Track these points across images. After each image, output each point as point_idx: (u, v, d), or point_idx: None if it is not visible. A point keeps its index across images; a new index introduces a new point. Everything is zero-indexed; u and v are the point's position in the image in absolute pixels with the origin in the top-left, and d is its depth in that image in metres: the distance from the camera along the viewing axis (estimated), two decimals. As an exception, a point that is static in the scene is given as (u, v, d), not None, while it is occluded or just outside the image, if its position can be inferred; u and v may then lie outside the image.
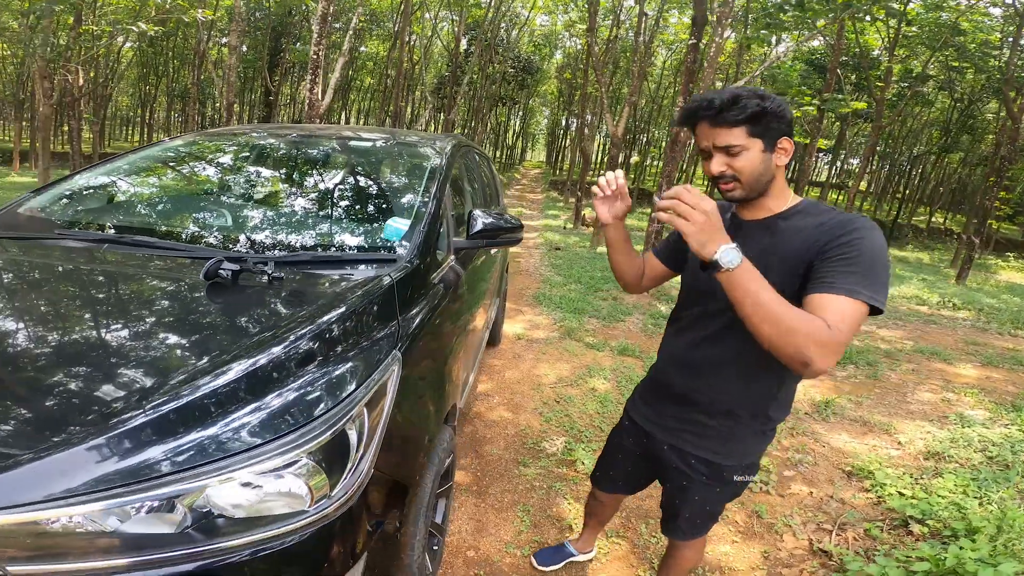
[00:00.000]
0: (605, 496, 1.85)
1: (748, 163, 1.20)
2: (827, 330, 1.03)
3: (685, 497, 1.48)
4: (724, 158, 1.21)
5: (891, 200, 30.70)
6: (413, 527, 1.51)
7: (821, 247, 1.14)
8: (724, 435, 1.38)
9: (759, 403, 1.33)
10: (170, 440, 1.02)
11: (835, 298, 1.07)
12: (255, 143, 2.60)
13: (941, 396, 4.20)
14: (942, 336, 6.08)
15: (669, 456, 1.48)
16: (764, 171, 1.22)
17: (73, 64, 10.82)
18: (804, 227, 1.21)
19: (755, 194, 1.25)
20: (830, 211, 1.22)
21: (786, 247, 1.20)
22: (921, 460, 3.14)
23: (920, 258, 19.88)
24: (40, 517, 0.94)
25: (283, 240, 1.89)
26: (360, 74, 28.00)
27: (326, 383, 1.22)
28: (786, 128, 1.21)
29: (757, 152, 1.19)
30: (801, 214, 1.25)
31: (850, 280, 1.08)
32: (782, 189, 1.28)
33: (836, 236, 1.13)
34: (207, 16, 11.73)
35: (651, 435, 1.53)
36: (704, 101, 1.20)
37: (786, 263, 1.19)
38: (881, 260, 1.11)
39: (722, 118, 1.18)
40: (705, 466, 1.42)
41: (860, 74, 14.10)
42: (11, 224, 1.88)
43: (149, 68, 24.86)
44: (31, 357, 1.20)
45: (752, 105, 1.16)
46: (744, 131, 1.18)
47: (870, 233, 1.12)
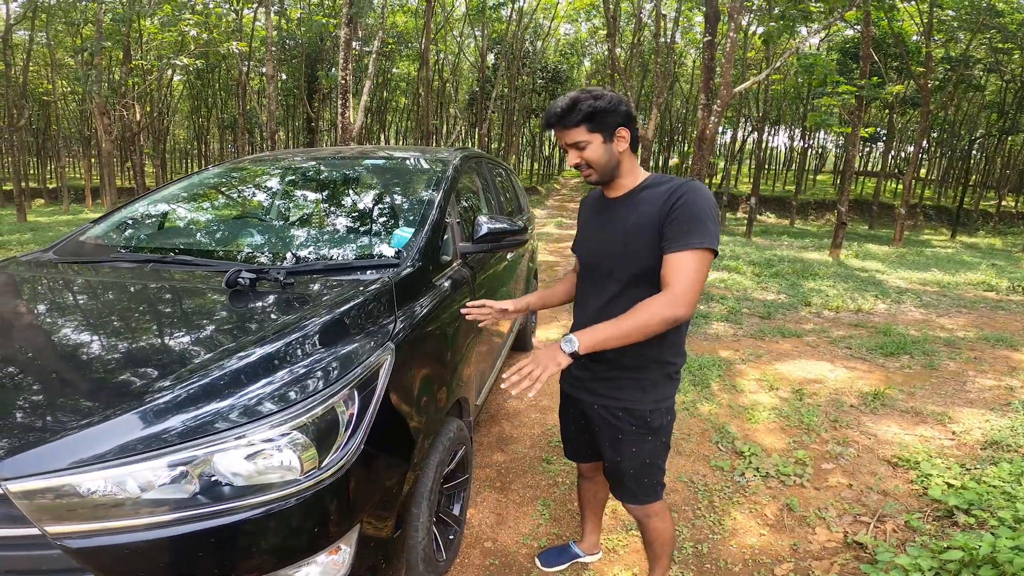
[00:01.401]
0: (587, 468, 1.90)
1: (594, 153, 1.45)
2: (667, 296, 1.32)
3: (622, 451, 1.60)
4: (576, 152, 1.46)
5: (955, 186, 29.07)
6: (416, 509, 1.57)
7: (666, 211, 1.39)
8: (638, 384, 1.55)
9: (655, 351, 1.51)
10: (182, 415, 1.17)
11: (675, 255, 1.35)
12: (275, 169, 2.85)
13: (1004, 383, 3.92)
14: (1010, 322, 5.68)
15: (599, 414, 1.62)
16: (609, 158, 1.46)
17: (128, 99, 11.62)
18: (653, 196, 1.45)
19: (608, 177, 1.49)
20: (669, 179, 1.47)
21: (645, 214, 1.44)
22: (977, 450, 2.94)
23: (992, 244, 18.69)
24: (74, 481, 1.08)
25: (297, 251, 2.10)
26: (394, 95, 28.81)
27: (321, 368, 1.34)
28: (621, 120, 1.43)
29: (599, 144, 1.44)
30: (650, 187, 1.48)
31: (684, 236, 1.34)
32: (631, 169, 1.52)
33: (671, 201, 1.39)
34: (241, 48, 12.38)
35: (580, 400, 1.67)
36: (550, 110, 1.45)
37: (647, 226, 1.42)
38: (705, 212, 1.36)
39: (564, 121, 1.43)
40: (630, 415, 1.57)
41: (901, 61, 13.53)
42: (75, 250, 2.21)
43: (199, 101, 26.36)
44: (80, 350, 1.43)
45: (586, 107, 1.40)
46: (584, 129, 1.42)
47: (693, 194, 1.38)
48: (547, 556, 2.08)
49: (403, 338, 1.55)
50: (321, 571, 1.26)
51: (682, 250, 1.33)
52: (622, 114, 1.43)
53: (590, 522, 2.06)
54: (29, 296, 1.83)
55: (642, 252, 1.42)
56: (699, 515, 2.38)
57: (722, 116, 7.77)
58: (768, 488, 2.59)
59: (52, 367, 1.35)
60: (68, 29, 14.39)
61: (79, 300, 1.79)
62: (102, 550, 1.09)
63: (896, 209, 14.89)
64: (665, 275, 1.34)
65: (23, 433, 1.11)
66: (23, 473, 1.06)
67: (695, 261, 1.33)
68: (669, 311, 1.31)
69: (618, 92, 1.47)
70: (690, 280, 1.32)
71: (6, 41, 13.43)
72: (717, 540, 2.22)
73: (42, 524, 1.07)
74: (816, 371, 4.11)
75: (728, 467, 2.75)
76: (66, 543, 1.07)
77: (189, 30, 10.83)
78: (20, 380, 1.29)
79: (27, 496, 1.06)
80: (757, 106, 22.32)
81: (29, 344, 1.47)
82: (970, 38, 13.07)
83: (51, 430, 1.12)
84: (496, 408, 3.41)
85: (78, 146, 26.81)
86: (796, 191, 26.29)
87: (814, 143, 36.01)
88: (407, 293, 1.73)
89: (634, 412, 1.56)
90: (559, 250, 10.64)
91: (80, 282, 1.92)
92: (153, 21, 12.06)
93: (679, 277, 1.32)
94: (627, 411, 1.57)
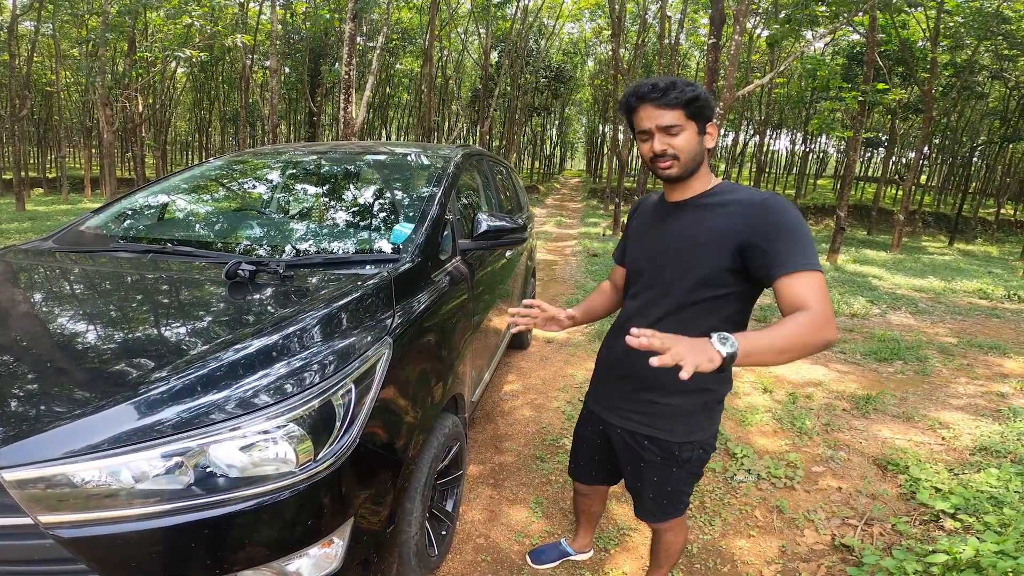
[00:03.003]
0: (585, 488, 1.86)
1: (686, 142, 1.31)
2: (815, 314, 1.14)
3: (643, 478, 1.53)
4: (665, 137, 1.31)
5: (955, 193, 29.10)
6: (410, 504, 1.59)
7: (753, 224, 1.26)
8: (671, 412, 1.44)
9: (700, 377, 1.32)
10: (178, 405, 1.18)
11: (803, 276, 1.19)
12: (276, 162, 2.84)
13: (995, 390, 3.95)
14: (1003, 330, 5.71)
15: (623, 438, 1.53)
16: (698, 151, 1.34)
17: (131, 91, 11.62)
18: (728, 204, 1.33)
19: (688, 173, 1.36)
20: (745, 189, 1.35)
21: (716, 221, 1.32)
22: (966, 455, 2.97)
23: (988, 251, 18.70)
24: (69, 470, 1.08)
25: (296, 244, 2.10)
26: (397, 91, 28.78)
27: (319, 361, 1.34)
28: (712, 115, 1.34)
29: (693, 133, 1.32)
30: (722, 193, 1.37)
31: (803, 256, 1.20)
32: (706, 172, 1.40)
33: (763, 216, 1.25)
34: (246, 41, 12.39)
35: (605, 421, 1.59)
36: (649, 85, 1.31)
37: (717, 235, 1.31)
38: (807, 231, 1.25)
39: (665, 99, 1.29)
40: (655, 445, 1.47)
41: (905, 67, 13.55)
42: (75, 240, 2.21)
43: (202, 93, 26.32)
44: (77, 339, 1.44)
45: (688, 91, 1.29)
46: (682, 113, 1.30)
47: (792, 211, 1.26)
48: (538, 553, 2.09)
49: (401, 333, 1.56)
50: (313, 563, 1.27)
51: (807, 271, 1.19)
52: (713, 109, 1.34)
53: (583, 527, 2.07)
54: (27, 285, 1.83)
55: (710, 260, 1.30)
56: (690, 515, 2.40)
57: (724, 119, 7.78)
58: (759, 490, 2.61)
59: (49, 356, 1.36)
60: (74, 20, 14.40)
61: (77, 289, 1.79)
62: (95, 540, 1.09)
63: (895, 215, 14.91)
64: (795, 297, 1.17)
65: (18, 422, 1.12)
66: (18, 462, 1.06)
67: (820, 280, 1.19)
68: (828, 333, 1.14)
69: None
70: (828, 302, 1.16)
71: (11, 32, 13.42)
72: (707, 540, 2.25)
73: (35, 513, 1.07)
74: (810, 375, 4.14)
75: (720, 468, 2.77)
76: (59, 533, 1.07)
77: (194, 22, 10.84)
78: (16, 369, 1.30)
79: (21, 485, 1.06)
80: (760, 109, 22.33)
81: (26, 333, 1.47)
82: (976, 44, 13.09)
83: (46, 419, 1.12)
84: (491, 406, 3.44)
85: (79, 136, 26.77)
86: (796, 195, 26.34)
87: (815, 147, 36.02)
88: (406, 288, 1.74)
89: (661, 443, 1.46)
90: (558, 249, 10.66)
91: (79, 271, 1.93)
92: (159, 13, 12.08)
93: (818, 299, 1.15)
94: (652, 440, 1.47)
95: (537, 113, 29.60)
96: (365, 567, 1.40)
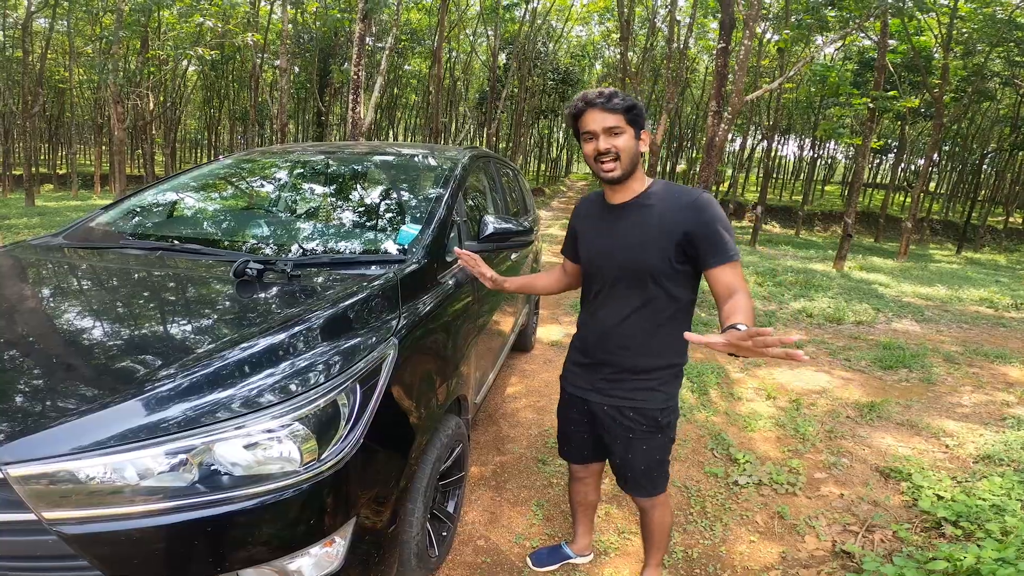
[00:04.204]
0: (580, 469, 1.93)
1: (626, 143, 1.51)
2: (748, 294, 1.44)
3: (632, 448, 1.69)
4: (609, 138, 1.51)
5: (963, 201, 28.90)
6: (412, 504, 1.60)
7: (693, 223, 1.48)
8: (648, 384, 1.64)
9: (666, 353, 1.63)
10: (184, 403, 1.18)
11: (729, 267, 1.47)
12: (284, 162, 2.86)
13: (1000, 399, 3.93)
14: (1009, 339, 5.68)
15: (610, 414, 1.69)
16: (635, 153, 1.54)
17: (143, 89, 11.72)
18: (665, 205, 1.54)
19: (627, 174, 1.54)
20: (678, 187, 1.58)
21: (658, 219, 1.52)
22: (969, 463, 2.95)
23: (995, 260, 18.56)
24: (74, 467, 1.08)
25: (304, 244, 2.12)
26: (405, 92, 28.88)
27: (325, 361, 1.36)
28: (644, 124, 1.55)
29: (630, 136, 1.52)
30: (658, 193, 1.57)
31: (727, 250, 1.47)
32: (640, 175, 1.60)
33: (700, 216, 1.48)
34: (257, 40, 12.47)
35: (589, 401, 1.74)
36: (589, 93, 1.53)
37: (664, 234, 1.51)
38: (726, 220, 1.51)
39: (610, 104, 1.49)
40: (640, 416, 1.66)
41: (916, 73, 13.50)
42: (84, 236, 2.23)
43: (213, 92, 26.49)
44: (84, 335, 1.44)
45: (628, 100, 1.51)
46: (623, 117, 1.50)
47: (714, 205, 1.51)
48: (539, 556, 2.10)
49: (406, 334, 1.57)
50: (315, 563, 1.27)
51: (733, 261, 1.48)
52: (644, 119, 1.55)
53: (582, 524, 2.09)
54: (36, 280, 1.84)
55: (663, 254, 1.51)
56: (691, 520, 2.41)
57: (732, 124, 7.77)
58: (761, 496, 2.61)
59: (56, 352, 1.36)
60: (88, 17, 14.55)
61: (86, 285, 1.80)
62: (98, 537, 1.09)
63: (903, 222, 14.84)
64: (730, 283, 1.45)
65: (24, 418, 1.12)
66: (23, 458, 1.06)
67: (741, 268, 1.50)
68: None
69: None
70: (747, 287, 1.47)
71: (26, 29, 13.57)
72: (708, 546, 2.25)
73: (39, 510, 1.07)
74: (814, 382, 4.13)
75: (722, 474, 2.77)
76: (62, 529, 1.07)
77: (206, 21, 10.93)
78: (23, 364, 1.30)
79: (26, 481, 1.06)
80: (768, 114, 22.27)
81: (34, 328, 1.48)
82: (988, 51, 13.03)
83: (52, 415, 1.12)
84: (494, 408, 3.45)
85: (90, 133, 27.02)
86: (803, 201, 26.23)
87: (824, 153, 35.87)
88: (412, 289, 1.75)
89: (645, 412, 1.65)
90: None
91: (88, 267, 1.94)
92: (172, 11, 12.18)
93: (742, 283, 1.46)
94: (638, 411, 1.65)
95: (544, 115, 29.62)
96: (366, 567, 1.40)
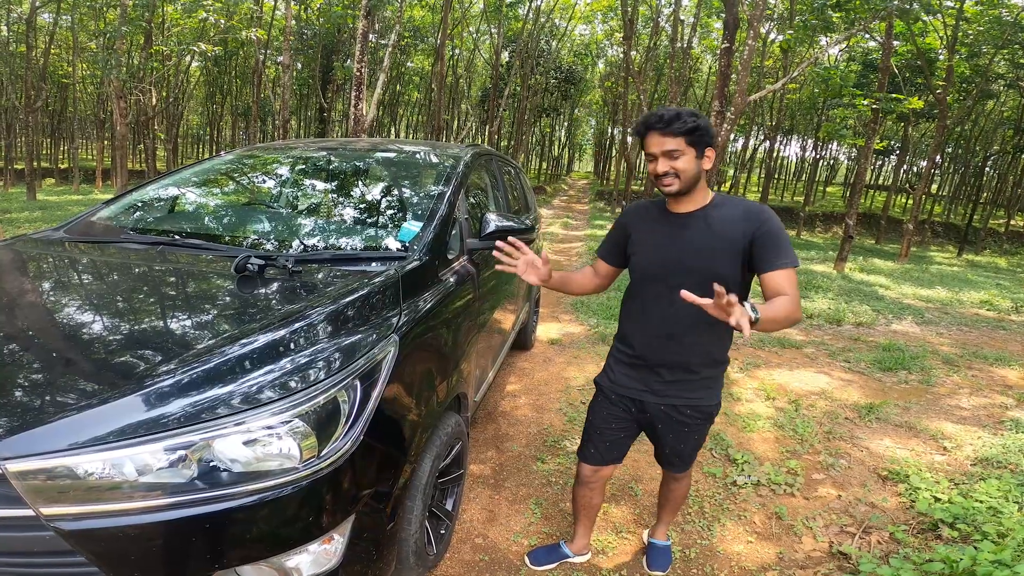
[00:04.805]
0: (592, 474, 1.95)
1: (686, 164, 1.55)
2: (793, 299, 1.49)
3: (686, 439, 1.83)
4: (668, 161, 1.55)
5: (965, 203, 28.86)
6: (411, 502, 1.60)
7: (753, 232, 1.55)
8: (704, 383, 1.74)
9: (720, 351, 1.74)
10: (184, 399, 1.18)
11: (782, 272, 1.52)
12: (286, 157, 2.85)
13: (999, 402, 3.94)
14: (1009, 342, 5.68)
15: (667, 412, 1.78)
16: (696, 172, 1.58)
17: (146, 84, 11.73)
18: (730, 215, 1.60)
19: (687, 189, 1.59)
20: (740, 200, 1.64)
21: (726, 230, 1.58)
22: (967, 465, 2.96)
23: (996, 263, 18.54)
24: (73, 462, 1.08)
25: (305, 240, 2.11)
26: (407, 89, 28.85)
27: (325, 357, 1.36)
28: (711, 141, 1.57)
29: (691, 157, 1.55)
30: (721, 206, 1.63)
31: (783, 256, 1.53)
32: (704, 187, 1.65)
33: (755, 224, 1.55)
34: (260, 36, 12.47)
35: (643, 402, 1.80)
36: (656, 116, 1.55)
37: (730, 242, 1.58)
38: (785, 233, 1.58)
39: (669, 128, 1.52)
40: (697, 411, 1.77)
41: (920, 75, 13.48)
42: (85, 230, 2.22)
43: (215, 87, 26.48)
44: (84, 330, 1.44)
45: (690, 122, 1.52)
46: (683, 140, 1.53)
47: (775, 218, 1.57)
48: (537, 555, 2.11)
49: (407, 331, 1.57)
50: (313, 560, 1.26)
51: (786, 268, 1.52)
52: (711, 137, 1.58)
53: (583, 525, 2.10)
54: (37, 274, 1.83)
55: (733, 261, 1.57)
56: (689, 520, 2.41)
57: (735, 124, 7.77)
58: (759, 496, 2.62)
59: (55, 346, 1.35)
60: (92, 13, 14.55)
61: (87, 280, 1.80)
62: (95, 533, 1.08)
63: (904, 224, 14.82)
64: (778, 287, 1.51)
65: (23, 413, 1.11)
66: (22, 453, 1.05)
67: (795, 276, 1.54)
68: (798, 313, 1.49)
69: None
70: (798, 292, 1.52)
71: (30, 24, 13.57)
72: (705, 546, 2.26)
73: (37, 505, 1.06)
74: (814, 383, 4.14)
75: (720, 474, 2.78)
76: (59, 525, 1.06)
77: (209, 16, 10.93)
78: (22, 358, 1.29)
79: (24, 476, 1.05)
80: (771, 115, 22.23)
81: (34, 322, 1.47)
82: (993, 53, 13.01)
83: (51, 410, 1.12)
84: (493, 405, 3.46)
85: (92, 128, 27.02)
86: (805, 202, 26.17)
87: (826, 154, 35.80)
88: (413, 286, 1.75)
89: (701, 408, 1.77)
90: (564, 250, 10.66)
91: (89, 262, 1.93)
92: (175, 7, 12.17)
93: (793, 288, 1.50)
94: (695, 408, 1.76)
95: (546, 114, 29.57)
96: (364, 564, 1.40)
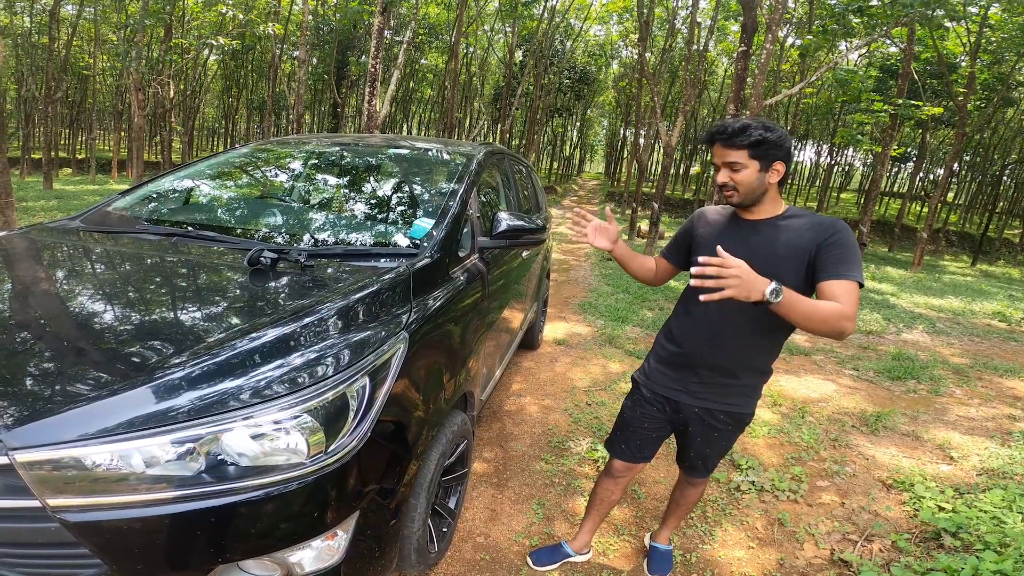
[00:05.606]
0: (623, 469, 1.95)
1: (745, 177, 1.53)
2: (843, 308, 1.40)
3: (714, 445, 1.81)
4: (729, 172, 1.54)
5: (982, 212, 28.46)
6: (415, 500, 1.61)
7: (820, 242, 1.50)
8: (743, 390, 1.72)
9: (765, 361, 1.70)
10: (193, 392, 1.18)
11: (843, 282, 1.45)
12: (300, 152, 2.87)
13: (1007, 413, 3.90)
14: (1020, 354, 5.63)
15: (699, 416, 1.76)
16: (758, 186, 1.55)
17: (164, 77, 11.85)
18: (800, 226, 1.56)
19: (748, 202, 1.58)
20: (810, 213, 1.59)
21: (796, 240, 1.55)
22: (973, 476, 2.94)
23: (1010, 273, 18.28)
24: (81, 453, 1.08)
25: (317, 235, 2.12)
26: (421, 86, 28.92)
27: (335, 353, 1.36)
28: (782, 155, 1.53)
29: (754, 171, 1.53)
30: (793, 217, 1.59)
31: (849, 268, 1.46)
32: (775, 198, 1.61)
33: (825, 235, 1.50)
34: (277, 30, 12.55)
35: (678, 402, 1.78)
36: (720, 127, 1.54)
37: (796, 251, 1.54)
38: (857, 249, 1.50)
39: (732, 141, 1.51)
40: (731, 418, 1.75)
41: (940, 81, 13.30)
42: (101, 220, 2.24)
43: (231, 81, 26.69)
44: (95, 320, 1.44)
45: (756, 135, 1.49)
46: (746, 153, 1.51)
47: (848, 233, 1.51)
48: (539, 555, 2.12)
49: (417, 328, 1.57)
50: (316, 555, 1.27)
51: (848, 279, 1.46)
52: (784, 150, 1.53)
53: (591, 521, 2.10)
54: (51, 263, 1.84)
55: (792, 270, 1.53)
56: (691, 524, 2.42)
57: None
58: (762, 502, 2.62)
59: (66, 336, 1.35)
60: (115, 5, 14.73)
61: (100, 270, 1.80)
62: (101, 525, 1.08)
63: (918, 232, 14.65)
64: (835, 295, 1.44)
65: (32, 403, 1.11)
66: (30, 443, 1.05)
67: (856, 290, 1.46)
68: (846, 322, 1.41)
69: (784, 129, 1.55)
70: (856, 305, 1.44)
71: (53, 16, 13.76)
72: (706, 550, 2.26)
73: (44, 496, 1.05)
74: (821, 390, 4.12)
75: (724, 479, 2.78)
76: (65, 516, 1.06)
77: (228, 10, 11.03)
78: (33, 347, 1.29)
79: (32, 467, 1.05)
80: (786, 119, 22.04)
81: (46, 311, 1.47)
82: (1015, 60, 12.81)
83: (60, 401, 1.11)
84: (498, 405, 3.48)
85: (110, 119, 27.33)
86: (818, 208, 25.94)
87: (841, 160, 35.44)
88: (424, 284, 1.75)
89: (735, 415, 1.74)
90: (572, 251, 10.65)
91: (103, 252, 1.94)
92: (196, 1, 12.29)
93: (849, 301, 1.43)
94: (729, 414, 1.74)
95: (559, 114, 29.51)
96: (366, 561, 1.40)
